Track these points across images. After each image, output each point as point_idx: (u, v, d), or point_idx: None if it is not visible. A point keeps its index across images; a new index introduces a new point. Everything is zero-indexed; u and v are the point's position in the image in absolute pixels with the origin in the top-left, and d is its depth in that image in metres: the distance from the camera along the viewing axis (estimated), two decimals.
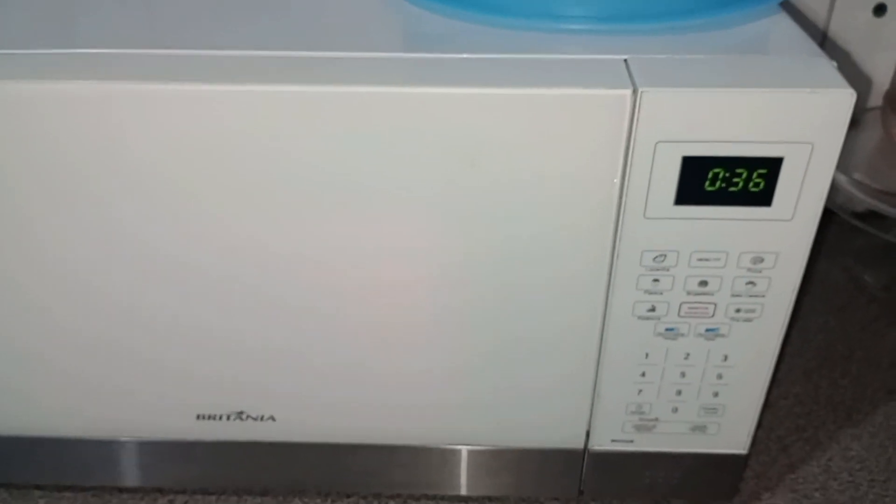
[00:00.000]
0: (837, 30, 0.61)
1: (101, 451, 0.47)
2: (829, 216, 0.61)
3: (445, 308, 0.40)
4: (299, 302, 0.40)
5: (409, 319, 0.40)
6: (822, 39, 0.62)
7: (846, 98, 0.33)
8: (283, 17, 0.41)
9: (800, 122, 0.33)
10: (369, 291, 0.39)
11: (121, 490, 0.49)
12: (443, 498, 0.48)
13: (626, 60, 0.35)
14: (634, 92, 0.33)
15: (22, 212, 0.37)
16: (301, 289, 0.39)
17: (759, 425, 0.51)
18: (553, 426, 0.44)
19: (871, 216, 0.57)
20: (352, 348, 0.42)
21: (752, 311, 0.39)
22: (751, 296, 0.38)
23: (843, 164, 0.57)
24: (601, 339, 0.40)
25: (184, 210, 0.37)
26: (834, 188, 0.57)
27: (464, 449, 0.46)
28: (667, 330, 0.40)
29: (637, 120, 0.33)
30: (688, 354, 0.41)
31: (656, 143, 0.34)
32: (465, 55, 0.36)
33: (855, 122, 0.63)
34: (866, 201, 0.56)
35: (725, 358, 0.41)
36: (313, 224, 0.37)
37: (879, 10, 0.60)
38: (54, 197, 0.36)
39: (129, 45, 0.37)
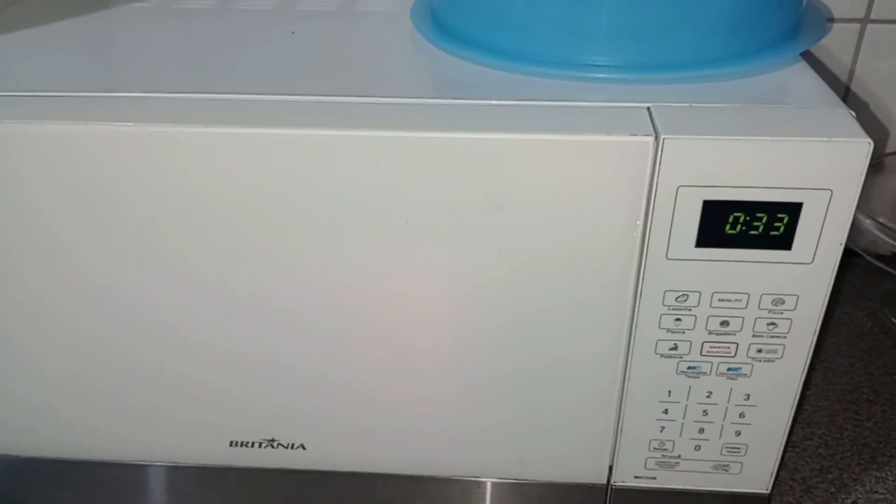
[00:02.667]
0: (862, 75, 0.62)
1: (136, 475, 0.48)
2: (855, 259, 0.61)
3: (471, 344, 0.41)
4: (329, 332, 0.41)
5: (435, 354, 0.42)
6: (847, 85, 0.63)
7: (863, 147, 0.34)
8: (318, 64, 0.43)
9: (818, 169, 0.34)
10: (397, 327, 0.41)
11: None
12: None
13: (649, 108, 0.36)
14: (657, 139, 0.34)
15: (62, 239, 0.39)
16: (330, 323, 0.41)
17: (784, 466, 0.51)
18: (576, 460, 0.45)
19: None
20: (380, 378, 0.43)
21: (774, 351, 0.40)
22: (772, 336, 0.39)
23: (869, 208, 0.58)
24: (624, 375, 0.41)
25: (217, 245, 0.39)
26: (859, 231, 0.58)
27: (488, 481, 0.47)
28: (689, 368, 0.41)
29: (659, 165, 0.35)
30: (710, 393, 0.42)
31: (678, 187, 0.35)
32: (493, 101, 0.38)
33: (880, 167, 0.64)
34: (891, 244, 0.57)
35: (747, 397, 0.41)
36: (345, 259, 0.39)
37: None
38: (94, 225, 0.38)
39: (170, 90, 0.39)
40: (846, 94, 0.63)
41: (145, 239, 0.39)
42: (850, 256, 0.62)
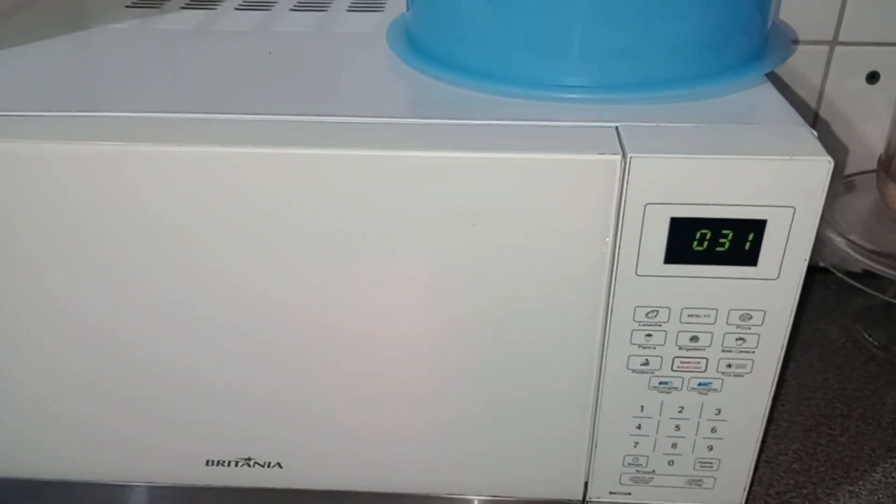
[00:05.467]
0: (832, 96, 0.64)
1: (112, 495, 0.48)
2: (828, 276, 0.62)
3: (445, 362, 0.41)
4: (305, 353, 0.41)
5: (410, 372, 0.42)
6: (816, 106, 0.64)
7: (824, 165, 0.35)
8: (294, 84, 0.43)
9: (781, 187, 0.35)
10: (372, 344, 0.41)
11: None
12: None
13: (617, 128, 0.37)
14: (624, 157, 0.35)
15: (34, 263, 0.39)
16: (306, 341, 0.41)
17: (758, 481, 0.52)
18: (551, 476, 0.45)
19: (867, 276, 0.59)
20: (356, 399, 0.43)
21: (743, 366, 0.40)
22: (741, 351, 0.40)
23: (840, 226, 0.59)
24: (597, 391, 0.42)
25: (193, 263, 0.39)
26: (831, 249, 0.59)
27: (463, 498, 0.47)
28: (660, 384, 0.41)
29: (627, 183, 0.35)
30: (682, 408, 0.42)
31: (645, 205, 0.36)
32: (465, 121, 0.38)
33: (851, 186, 0.65)
34: (862, 262, 0.58)
35: (718, 412, 0.42)
36: (318, 279, 0.39)
37: (872, 77, 0.63)
38: (64, 248, 0.38)
39: (145, 110, 0.39)
40: (815, 115, 0.64)
41: (112, 265, 0.39)
42: (822, 273, 0.63)
